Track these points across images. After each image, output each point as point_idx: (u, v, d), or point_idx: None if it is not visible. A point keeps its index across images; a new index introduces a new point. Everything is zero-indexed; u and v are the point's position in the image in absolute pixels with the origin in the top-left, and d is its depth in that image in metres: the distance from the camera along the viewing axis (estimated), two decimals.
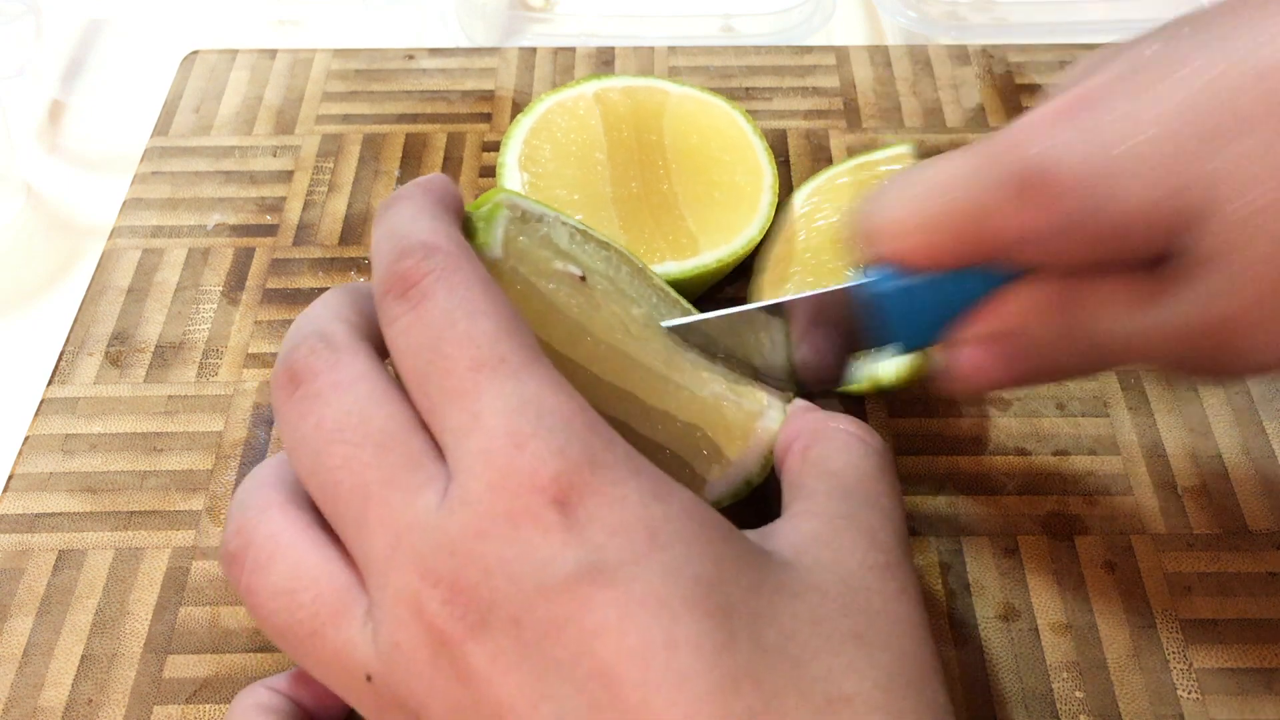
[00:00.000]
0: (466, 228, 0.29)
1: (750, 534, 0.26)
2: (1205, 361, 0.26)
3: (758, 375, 0.33)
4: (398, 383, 0.25)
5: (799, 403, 0.33)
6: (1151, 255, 0.25)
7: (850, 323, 0.31)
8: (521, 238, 0.30)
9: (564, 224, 0.32)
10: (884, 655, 0.24)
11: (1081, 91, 0.26)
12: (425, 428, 0.24)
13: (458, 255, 0.25)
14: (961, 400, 0.33)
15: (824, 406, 0.33)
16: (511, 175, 0.41)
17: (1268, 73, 0.24)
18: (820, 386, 0.33)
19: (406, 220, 0.26)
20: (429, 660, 0.22)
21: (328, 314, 0.26)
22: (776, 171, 0.42)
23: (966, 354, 0.29)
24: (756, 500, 0.32)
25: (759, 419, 0.33)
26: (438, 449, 0.24)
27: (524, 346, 0.24)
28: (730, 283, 0.42)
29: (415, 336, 0.24)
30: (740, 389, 0.33)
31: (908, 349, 0.31)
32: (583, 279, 0.31)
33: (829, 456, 0.29)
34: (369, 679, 0.23)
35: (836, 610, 0.24)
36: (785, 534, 0.26)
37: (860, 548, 0.26)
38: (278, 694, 0.27)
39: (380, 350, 0.26)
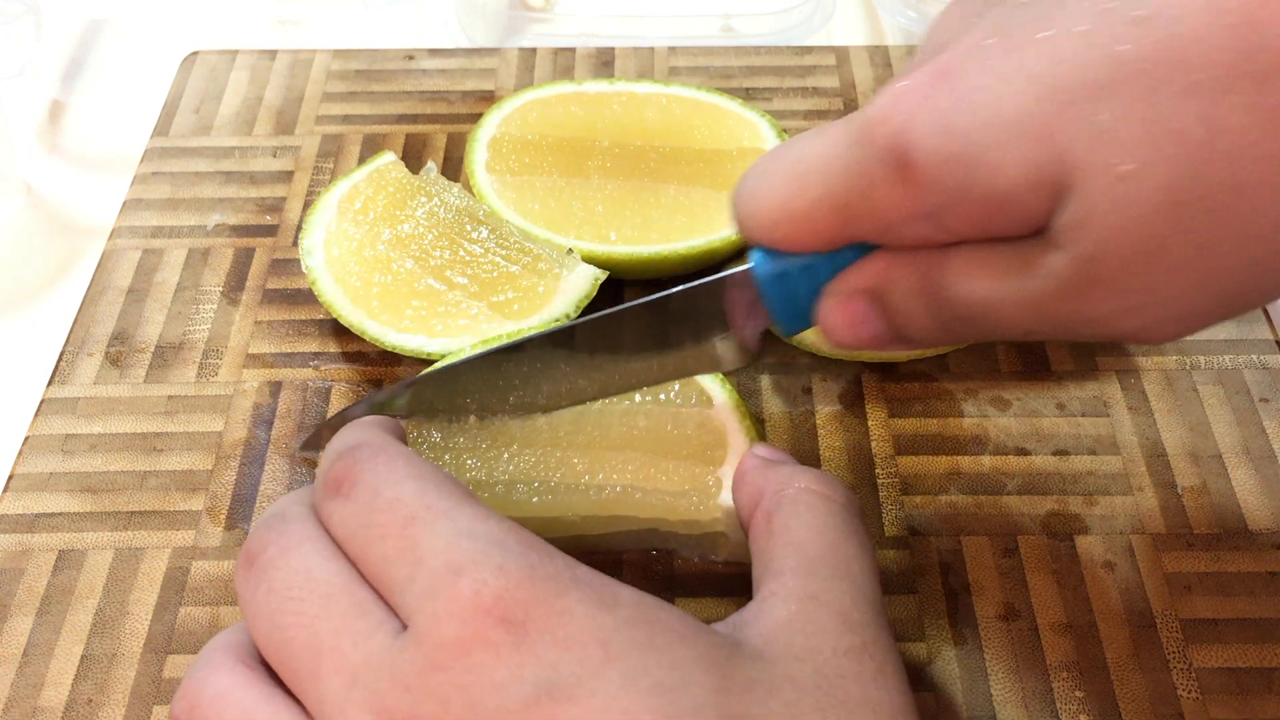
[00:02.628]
0: None
1: (719, 625, 0.26)
2: (1065, 332, 0.25)
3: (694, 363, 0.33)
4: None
5: (759, 449, 0.33)
6: (1034, 226, 0.24)
7: (736, 308, 0.30)
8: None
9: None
10: None
11: (947, 59, 0.23)
12: (371, 585, 0.25)
13: (379, 444, 0.26)
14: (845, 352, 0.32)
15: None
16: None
17: (1147, 19, 0.21)
18: (742, 365, 0.33)
19: (341, 437, 0.28)
20: None
21: (288, 499, 0.27)
22: None
23: (834, 307, 0.28)
24: None
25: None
26: (385, 602, 0.24)
27: (450, 494, 0.25)
28: None
29: (350, 519, 0.25)
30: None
31: (791, 331, 0.30)
32: None
33: (792, 525, 0.28)
34: None
35: (812, 705, 0.24)
36: (755, 621, 0.26)
37: (832, 631, 0.25)
38: None
39: None
